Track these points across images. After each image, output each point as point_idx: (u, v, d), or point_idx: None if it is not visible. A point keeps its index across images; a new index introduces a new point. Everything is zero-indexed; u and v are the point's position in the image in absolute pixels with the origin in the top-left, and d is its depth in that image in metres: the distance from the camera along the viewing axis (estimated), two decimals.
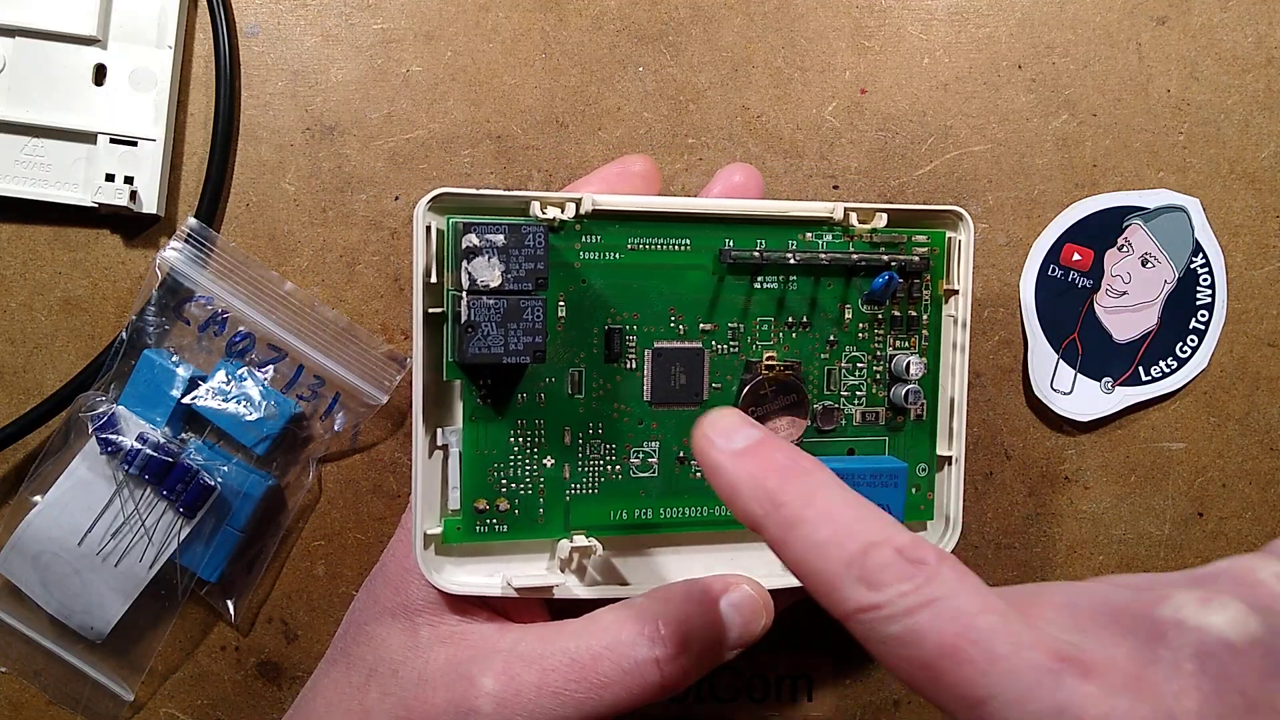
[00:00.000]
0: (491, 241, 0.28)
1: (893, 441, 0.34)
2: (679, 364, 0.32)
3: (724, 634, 0.29)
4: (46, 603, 0.38)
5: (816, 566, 0.22)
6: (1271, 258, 0.42)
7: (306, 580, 0.40)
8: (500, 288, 0.28)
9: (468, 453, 0.31)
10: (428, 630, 0.30)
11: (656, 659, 0.28)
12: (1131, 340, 0.42)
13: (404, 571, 0.31)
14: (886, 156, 0.41)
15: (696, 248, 0.32)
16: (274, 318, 0.39)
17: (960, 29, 0.41)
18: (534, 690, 0.28)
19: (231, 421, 0.38)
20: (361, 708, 0.29)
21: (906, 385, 0.33)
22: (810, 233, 0.33)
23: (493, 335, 0.29)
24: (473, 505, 0.31)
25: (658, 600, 0.30)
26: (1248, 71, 0.42)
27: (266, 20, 0.39)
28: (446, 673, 0.29)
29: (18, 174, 0.38)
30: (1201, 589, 0.22)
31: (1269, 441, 0.43)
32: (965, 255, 0.34)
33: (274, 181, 0.39)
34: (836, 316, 0.33)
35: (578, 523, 0.32)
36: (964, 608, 0.20)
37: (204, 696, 0.40)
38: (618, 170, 0.33)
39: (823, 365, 0.33)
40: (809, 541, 0.22)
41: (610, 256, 0.31)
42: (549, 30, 0.40)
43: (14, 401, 0.39)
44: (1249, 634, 0.20)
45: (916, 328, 0.34)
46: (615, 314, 0.31)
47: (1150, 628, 0.21)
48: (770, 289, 0.32)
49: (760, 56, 0.41)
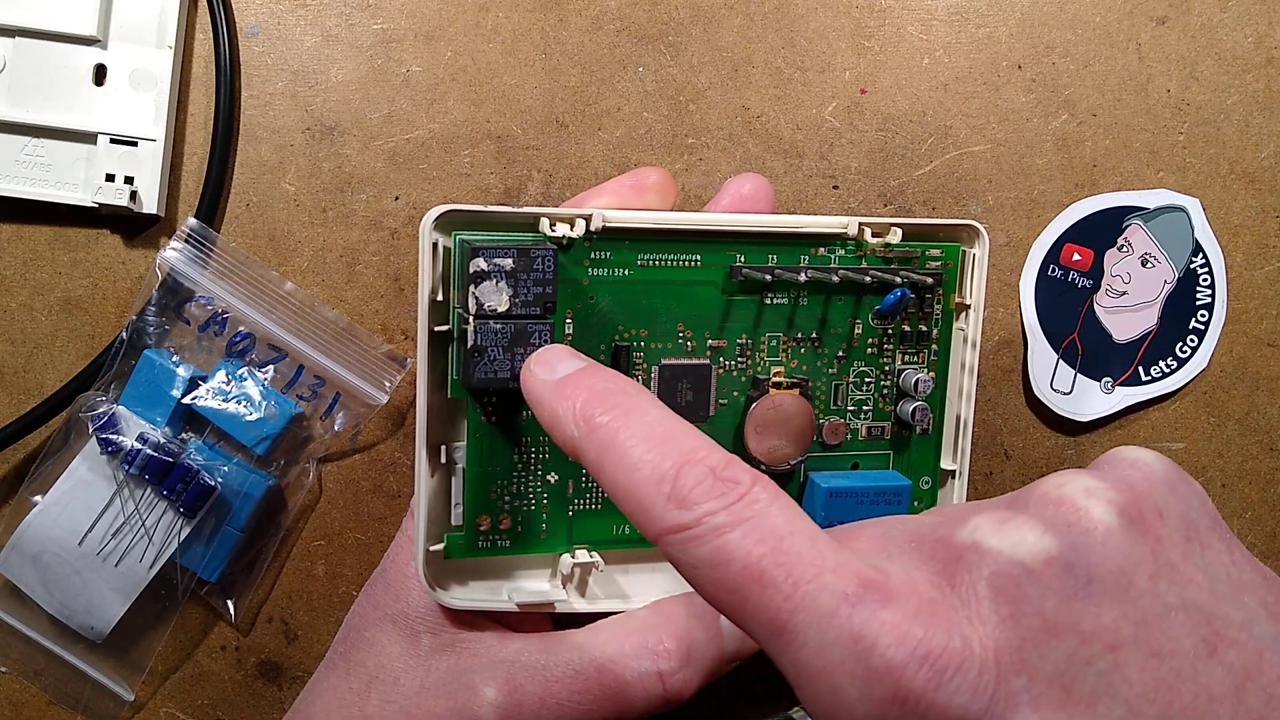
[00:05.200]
0: (500, 265, 0.28)
1: (897, 457, 0.34)
2: (686, 380, 0.32)
3: (724, 647, 0.29)
4: (46, 603, 0.38)
5: (628, 486, 0.21)
6: (1271, 258, 0.42)
7: (306, 580, 0.40)
8: (508, 312, 0.28)
9: (471, 470, 0.30)
10: (429, 638, 0.30)
11: (660, 673, 0.28)
12: (1131, 340, 0.42)
13: (405, 579, 0.31)
14: (886, 156, 0.41)
15: (707, 264, 0.31)
16: (274, 318, 0.39)
17: (960, 29, 0.41)
18: (536, 701, 0.28)
19: (231, 421, 0.38)
20: (362, 714, 0.29)
21: (914, 402, 0.33)
22: (823, 247, 0.32)
23: (499, 360, 0.28)
24: (475, 523, 0.31)
25: (661, 613, 0.30)
26: (1248, 71, 0.42)
27: (266, 20, 0.39)
28: (448, 681, 0.29)
29: (18, 174, 0.38)
30: (1005, 510, 0.21)
31: (1269, 441, 0.43)
32: (980, 270, 0.33)
33: (274, 181, 0.39)
34: (846, 333, 0.33)
35: (580, 538, 0.32)
36: (773, 529, 0.20)
37: (204, 696, 0.40)
38: (631, 183, 0.32)
39: (830, 381, 0.33)
40: (622, 462, 0.21)
41: (620, 273, 0.31)
42: (549, 30, 0.40)
43: (14, 401, 0.39)
44: (1044, 554, 0.19)
45: (926, 342, 0.33)
46: (623, 331, 0.31)
47: (948, 552, 0.20)
48: (780, 305, 0.32)
49: (760, 56, 0.41)
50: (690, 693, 0.29)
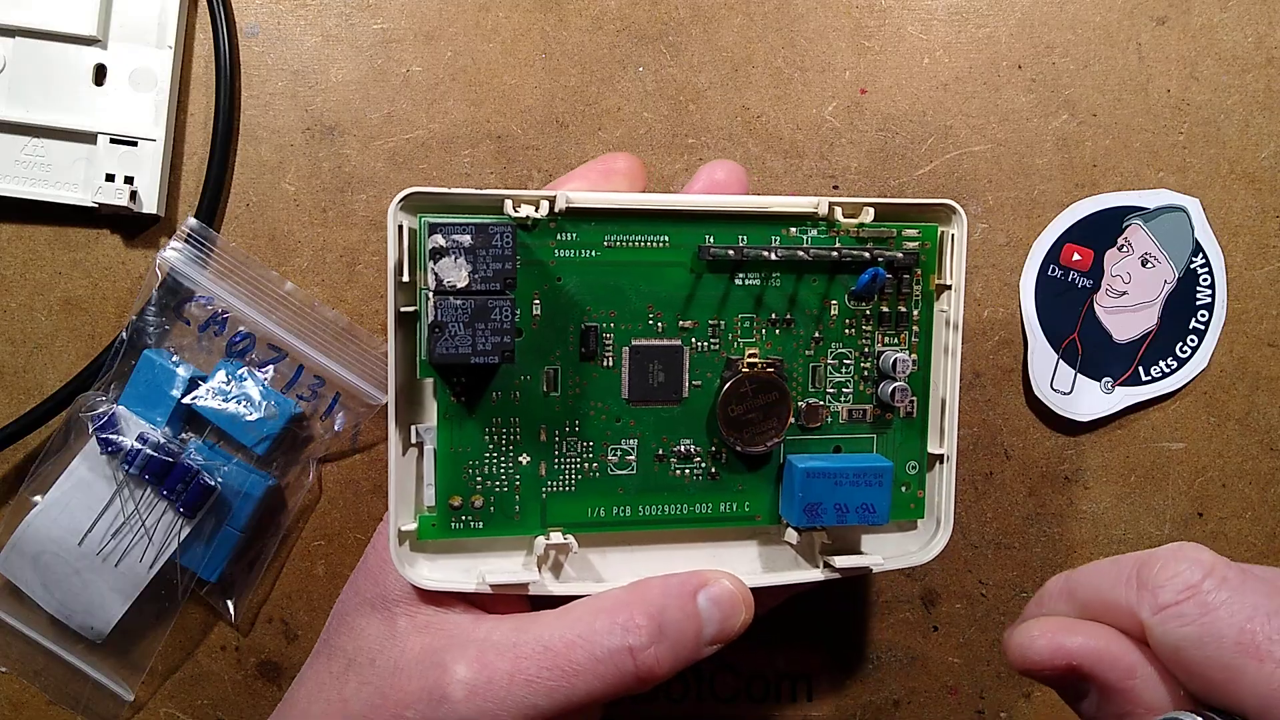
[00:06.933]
0: (458, 242, 0.28)
1: (880, 440, 0.34)
2: (657, 361, 0.32)
3: (701, 628, 0.29)
4: (46, 603, 0.38)
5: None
6: (1271, 258, 0.42)
7: (306, 580, 0.40)
8: (468, 288, 0.28)
9: (442, 450, 0.31)
10: (405, 620, 0.30)
11: (630, 647, 0.28)
12: (1131, 340, 0.42)
13: (384, 564, 0.31)
14: (886, 156, 0.41)
15: (675, 244, 0.32)
16: (274, 318, 0.39)
17: (960, 29, 0.41)
18: (506, 678, 0.28)
19: (231, 421, 0.38)
20: (340, 697, 0.30)
21: (894, 383, 0.33)
22: (794, 228, 0.32)
23: (460, 335, 0.29)
24: (447, 502, 0.31)
25: (634, 592, 0.30)
26: (1248, 71, 0.42)
27: (266, 20, 0.39)
28: (421, 661, 0.29)
29: (18, 174, 0.38)
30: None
31: (1269, 441, 0.43)
32: (959, 249, 0.33)
33: (274, 181, 0.39)
34: (822, 314, 0.33)
35: (554, 520, 0.32)
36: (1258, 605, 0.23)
37: (204, 696, 0.40)
38: (601, 169, 0.33)
39: (807, 362, 0.33)
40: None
41: (586, 254, 0.31)
42: (549, 30, 0.40)
43: (14, 401, 0.39)
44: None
45: (907, 324, 0.33)
46: (591, 312, 0.31)
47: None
48: (751, 285, 0.32)
49: (760, 56, 0.41)
50: (664, 671, 0.29)
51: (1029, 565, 0.42)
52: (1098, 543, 0.42)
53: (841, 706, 0.42)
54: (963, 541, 0.42)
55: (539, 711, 0.28)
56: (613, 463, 0.32)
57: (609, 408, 0.32)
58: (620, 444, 0.32)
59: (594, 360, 0.31)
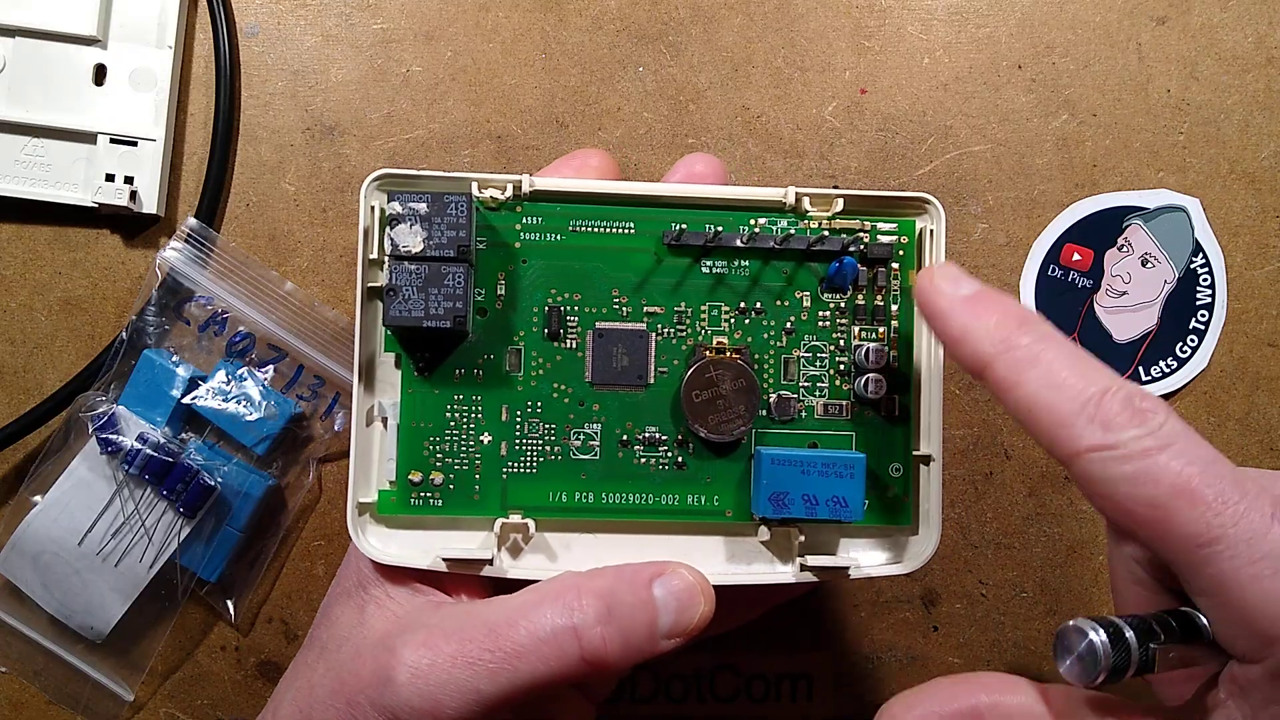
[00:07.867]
0: (414, 209, 0.29)
1: (860, 438, 0.32)
2: (621, 345, 0.32)
3: (655, 617, 0.29)
4: (46, 603, 0.38)
5: (1051, 403, 0.24)
6: (1271, 258, 0.42)
7: (306, 580, 0.40)
8: (422, 254, 0.29)
9: (404, 424, 0.31)
10: (373, 607, 0.31)
11: (574, 627, 0.28)
12: (1131, 340, 0.42)
13: (362, 555, 0.31)
14: (886, 156, 0.41)
15: (641, 231, 0.32)
16: (274, 318, 0.39)
17: (960, 29, 0.41)
18: (449, 660, 0.28)
19: (231, 421, 0.38)
20: (309, 683, 0.30)
21: (866, 374, 0.32)
22: (763, 218, 0.32)
23: (413, 299, 0.29)
24: (408, 477, 0.31)
25: (585, 575, 0.29)
26: (1248, 71, 0.42)
27: (266, 20, 0.39)
28: (375, 645, 0.29)
29: (18, 174, 0.38)
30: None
31: (1269, 441, 0.43)
32: (937, 245, 0.32)
33: (274, 181, 0.39)
34: (794, 305, 0.32)
35: (514, 502, 0.32)
36: (1199, 454, 0.22)
37: (204, 696, 0.40)
38: (575, 164, 0.33)
39: (779, 354, 0.32)
40: (1045, 381, 0.24)
41: (551, 238, 0.31)
42: (549, 30, 0.40)
43: (14, 401, 0.39)
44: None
45: (885, 318, 0.33)
46: (556, 294, 0.32)
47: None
48: (719, 274, 0.32)
49: (760, 56, 0.41)
50: (613, 655, 0.28)
51: (1029, 565, 0.42)
52: (1098, 543, 0.42)
53: (841, 707, 0.42)
54: (963, 541, 0.42)
55: (481, 695, 0.27)
56: (575, 446, 0.32)
57: (572, 390, 0.32)
58: (583, 427, 0.32)
59: (558, 341, 0.32)
